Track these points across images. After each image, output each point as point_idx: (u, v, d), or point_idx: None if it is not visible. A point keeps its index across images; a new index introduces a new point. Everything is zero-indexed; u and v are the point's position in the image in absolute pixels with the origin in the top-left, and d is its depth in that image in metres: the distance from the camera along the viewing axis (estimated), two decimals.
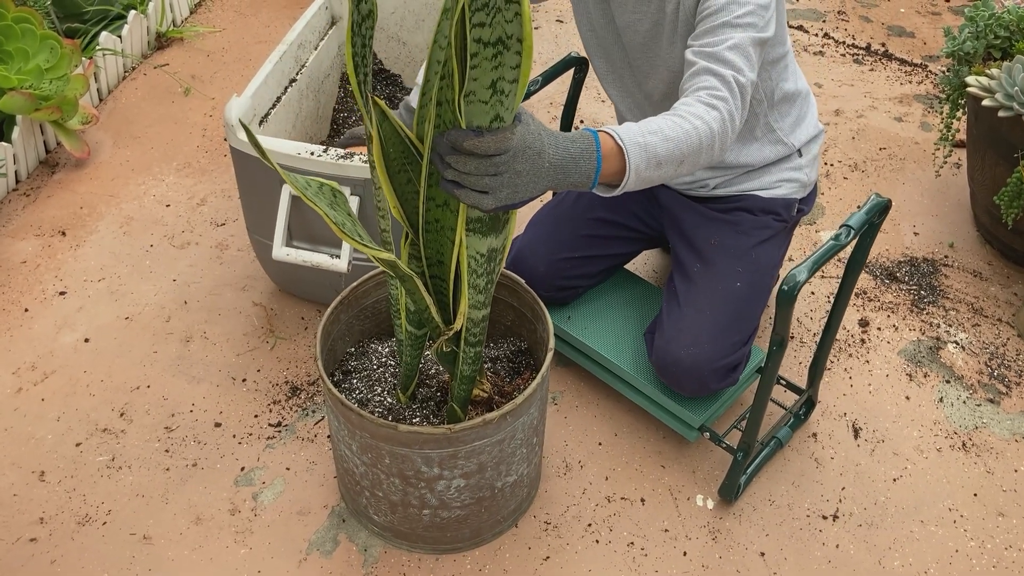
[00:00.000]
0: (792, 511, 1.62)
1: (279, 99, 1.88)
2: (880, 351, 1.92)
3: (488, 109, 1.02)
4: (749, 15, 1.33)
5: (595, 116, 2.59)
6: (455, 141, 1.04)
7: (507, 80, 1.00)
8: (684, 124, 1.24)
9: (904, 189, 2.35)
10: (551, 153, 1.10)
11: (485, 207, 1.08)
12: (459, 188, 1.08)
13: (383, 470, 1.41)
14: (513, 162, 1.06)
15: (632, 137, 1.19)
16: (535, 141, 1.08)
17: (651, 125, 1.22)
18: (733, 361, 1.56)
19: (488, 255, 1.21)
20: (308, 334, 1.91)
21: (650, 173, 1.21)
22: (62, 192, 2.26)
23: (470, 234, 1.17)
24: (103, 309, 1.96)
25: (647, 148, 1.19)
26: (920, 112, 2.64)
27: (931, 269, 2.12)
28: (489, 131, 1.04)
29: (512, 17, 0.95)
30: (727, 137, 1.30)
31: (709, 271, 1.59)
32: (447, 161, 1.06)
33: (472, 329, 1.31)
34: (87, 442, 1.70)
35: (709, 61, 1.32)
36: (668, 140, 1.21)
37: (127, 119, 2.50)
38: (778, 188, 1.64)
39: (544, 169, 1.09)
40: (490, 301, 1.28)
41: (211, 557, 1.53)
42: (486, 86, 1.00)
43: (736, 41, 1.32)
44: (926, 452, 1.73)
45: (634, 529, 1.59)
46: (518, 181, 1.07)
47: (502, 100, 1.02)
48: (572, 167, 1.12)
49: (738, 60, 1.32)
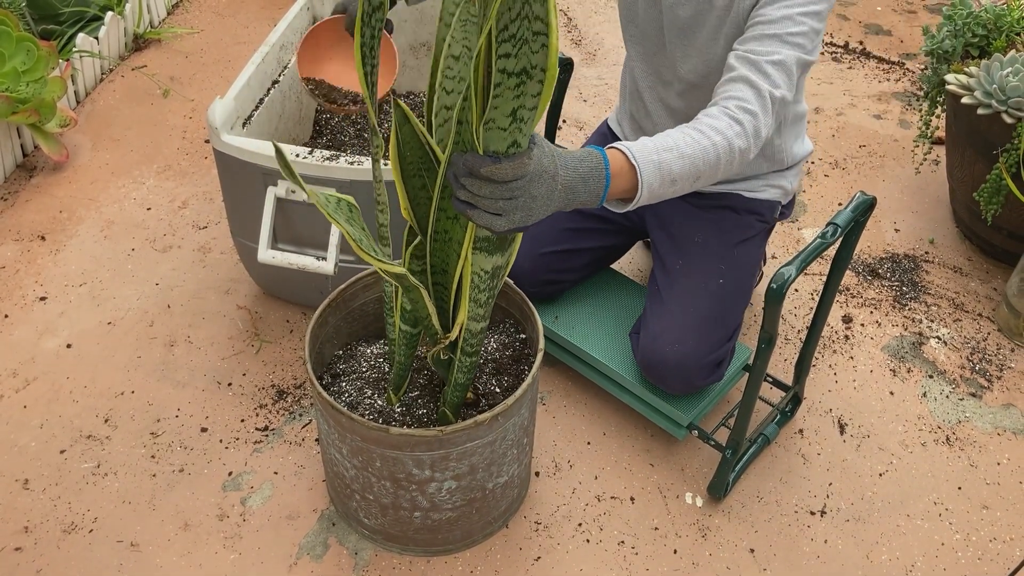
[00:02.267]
0: (780, 507, 1.64)
1: (262, 101, 1.87)
2: (864, 347, 1.94)
3: (506, 136, 1.02)
4: (801, 36, 1.32)
5: (577, 116, 2.60)
6: (472, 167, 1.03)
7: (527, 108, 1.00)
8: (703, 141, 1.23)
9: (884, 186, 2.38)
10: (563, 175, 1.09)
11: (497, 229, 1.07)
12: (472, 209, 1.07)
13: (374, 473, 1.41)
14: (529, 187, 1.05)
15: (646, 155, 1.18)
16: (549, 165, 1.07)
17: (668, 140, 1.22)
18: (718, 357, 1.57)
19: (492, 272, 1.21)
20: (293, 337, 1.90)
21: (664, 190, 1.21)
22: (41, 196, 2.23)
23: (476, 252, 1.18)
24: (85, 314, 1.94)
25: (661, 166, 1.19)
26: (899, 109, 2.66)
27: (912, 265, 2.14)
28: (507, 157, 1.03)
29: (539, 48, 0.94)
30: (748, 153, 1.29)
31: (692, 268, 1.60)
32: (462, 183, 1.05)
33: (470, 340, 1.31)
34: (71, 449, 1.68)
35: (749, 70, 1.30)
36: (684, 157, 1.21)
37: (106, 122, 2.47)
38: (763, 192, 1.66)
39: (557, 192, 1.09)
40: (489, 315, 1.28)
41: (200, 563, 1.52)
42: (506, 114, 0.99)
43: (782, 57, 1.31)
44: (911, 447, 1.75)
45: (624, 528, 1.59)
46: (532, 205, 1.07)
47: (520, 127, 1.01)
48: (581, 187, 1.11)
49: (778, 76, 1.30)
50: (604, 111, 2.62)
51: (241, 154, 1.66)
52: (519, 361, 1.56)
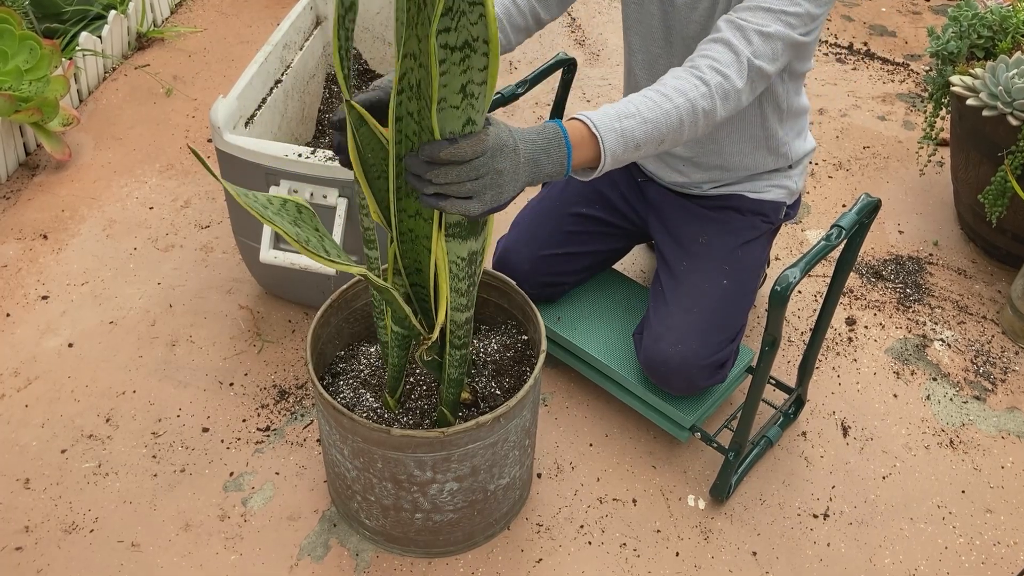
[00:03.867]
0: (783, 510, 1.63)
1: (265, 100, 1.87)
2: (867, 349, 1.93)
3: (460, 114, 1.02)
4: (795, 16, 1.30)
5: None
6: (431, 154, 1.03)
7: (476, 83, 1.00)
8: (665, 104, 1.22)
9: (888, 188, 2.37)
10: (523, 148, 1.10)
11: (473, 213, 1.07)
12: (443, 199, 1.06)
13: (375, 474, 1.40)
14: (492, 162, 1.05)
15: (607, 123, 1.18)
16: (508, 138, 1.08)
17: (629, 107, 1.21)
18: (721, 358, 1.57)
19: (469, 258, 1.20)
20: (295, 337, 1.90)
21: (628, 155, 1.21)
22: (43, 195, 2.23)
23: (450, 239, 1.17)
24: (87, 313, 1.93)
25: (624, 133, 1.19)
26: (903, 111, 2.66)
27: (916, 267, 2.13)
28: (464, 137, 1.03)
29: (477, 19, 0.95)
30: (714, 114, 1.27)
31: (696, 269, 1.59)
32: (426, 178, 1.05)
33: (456, 332, 1.30)
34: (72, 449, 1.67)
35: (733, 34, 1.28)
36: (646, 122, 1.21)
37: (108, 120, 2.47)
38: (767, 192, 1.65)
39: (521, 164, 1.09)
40: (473, 303, 1.27)
41: (201, 564, 1.51)
42: (456, 91, 1.00)
43: (771, 31, 1.29)
44: (914, 450, 1.74)
45: (626, 530, 1.59)
46: (501, 180, 1.07)
47: (473, 103, 1.02)
48: (544, 158, 1.12)
49: (762, 46, 1.29)
50: None
51: (244, 153, 1.66)
52: (520, 362, 1.55)
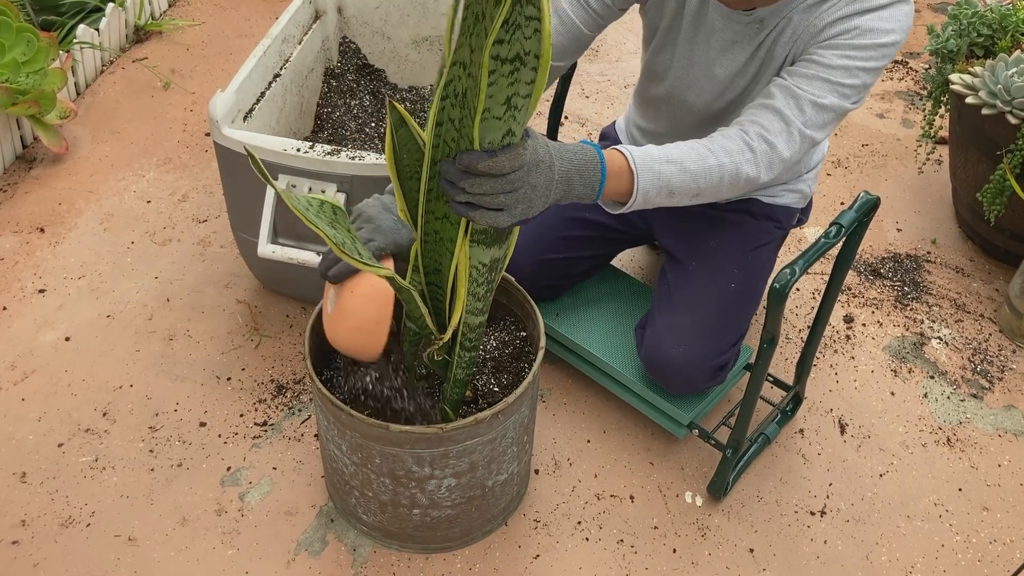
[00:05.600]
0: (780, 507, 1.63)
1: (263, 94, 1.86)
2: (865, 347, 1.93)
3: (501, 125, 1.01)
4: (852, 88, 1.28)
5: (579, 112, 2.59)
6: (469, 165, 1.03)
7: (521, 96, 0.99)
8: (710, 159, 1.22)
9: (887, 185, 2.37)
10: (559, 165, 1.09)
11: (501, 225, 1.07)
12: (474, 209, 1.06)
13: (373, 470, 1.40)
14: (528, 176, 1.05)
15: (647, 163, 1.19)
16: (545, 154, 1.07)
17: (673, 152, 1.21)
18: (722, 361, 1.56)
19: (491, 265, 1.20)
20: (293, 332, 1.89)
21: (660, 200, 1.22)
22: (40, 188, 2.22)
23: (474, 245, 1.17)
24: (84, 307, 1.93)
25: (660, 176, 1.19)
26: (902, 109, 2.66)
27: (914, 265, 2.13)
28: (502, 149, 1.03)
29: (531, 34, 0.94)
30: (757, 180, 1.27)
31: (706, 269, 1.59)
32: (460, 186, 1.05)
33: (468, 335, 1.30)
34: (69, 442, 1.67)
35: (786, 103, 1.27)
36: (685, 172, 1.21)
37: (106, 114, 2.46)
38: (781, 196, 1.64)
39: (554, 182, 1.09)
40: (488, 308, 1.27)
41: (198, 558, 1.51)
42: (501, 102, 0.99)
43: (827, 102, 1.27)
44: (911, 447, 1.74)
45: (623, 527, 1.59)
46: (532, 195, 1.07)
47: (515, 115, 1.01)
48: (577, 178, 1.12)
49: (815, 116, 1.28)
50: (606, 107, 2.61)
51: (241, 148, 1.65)
52: (519, 359, 1.55)
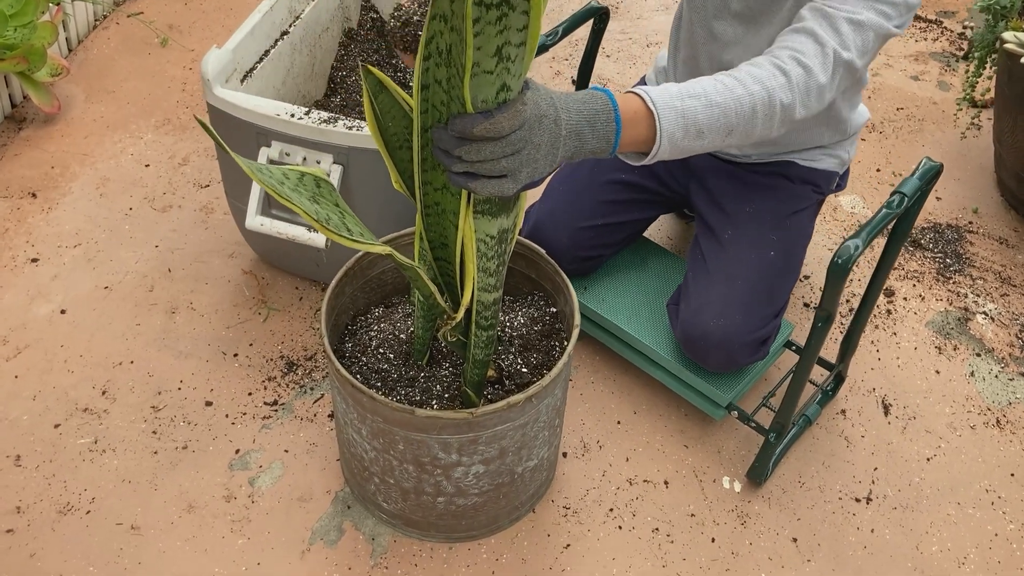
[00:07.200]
0: (823, 494, 1.54)
1: (267, 52, 1.73)
2: (907, 322, 1.83)
3: (494, 79, 0.89)
4: (890, 4, 1.17)
5: (600, 72, 2.46)
6: (463, 130, 0.90)
7: (513, 44, 0.87)
8: (738, 89, 1.09)
9: (924, 151, 2.25)
10: (566, 119, 0.97)
11: (506, 193, 0.95)
12: (474, 179, 0.94)
13: (396, 456, 1.30)
14: (531, 135, 0.93)
15: (667, 100, 1.05)
16: (548, 107, 0.95)
17: (695, 87, 1.08)
18: (764, 334, 1.46)
19: (499, 236, 1.08)
20: (303, 304, 1.78)
21: (689, 143, 1.08)
22: (31, 150, 2.09)
23: (479, 216, 1.05)
24: (80, 278, 1.81)
25: (685, 114, 1.05)
26: (937, 71, 2.53)
27: (956, 236, 2.03)
28: (499, 109, 0.90)
29: None
30: (793, 111, 1.14)
31: (742, 238, 1.48)
32: (455, 154, 0.92)
33: (483, 312, 1.19)
34: (67, 423, 1.57)
35: (819, 23, 1.16)
36: (712, 106, 1.07)
37: (100, 72, 2.33)
38: (820, 161, 1.53)
39: (561, 137, 0.96)
40: (502, 283, 1.16)
41: (205, 548, 1.42)
42: (491, 54, 0.87)
43: (863, 19, 1.16)
44: (959, 429, 1.65)
45: (658, 514, 1.50)
46: (538, 156, 0.94)
47: (508, 67, 0.89)
48: (588, 131, 0.99)
49: (852, 36, 1.16)
50: (628, 67, 2.48)
51: (234, 110, 1.53)
52: (549, 337, 1.45)
